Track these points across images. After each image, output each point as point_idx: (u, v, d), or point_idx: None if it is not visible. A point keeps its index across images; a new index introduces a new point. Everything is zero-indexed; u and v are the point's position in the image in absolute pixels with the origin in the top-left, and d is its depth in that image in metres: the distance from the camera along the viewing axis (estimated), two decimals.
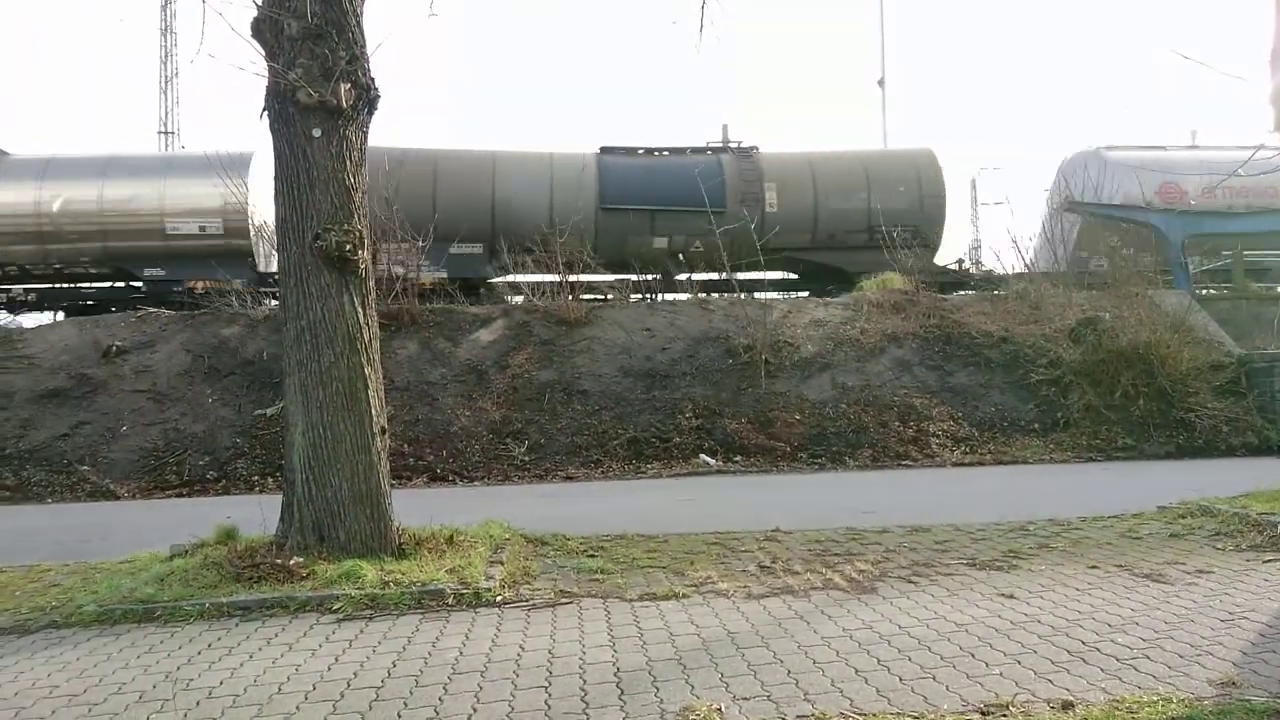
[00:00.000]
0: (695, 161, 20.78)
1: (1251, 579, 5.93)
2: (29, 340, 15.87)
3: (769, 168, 21.01)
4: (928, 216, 20.91)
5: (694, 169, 20.19)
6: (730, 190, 20.43)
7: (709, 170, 20.46)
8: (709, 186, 19.61)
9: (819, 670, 4.37)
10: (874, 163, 21.85)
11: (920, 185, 21.14)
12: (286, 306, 6.61)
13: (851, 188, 21.05)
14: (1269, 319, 18.46)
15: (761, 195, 20.54)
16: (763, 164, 21.06)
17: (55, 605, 5.98)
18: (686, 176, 19.99)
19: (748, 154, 21.29)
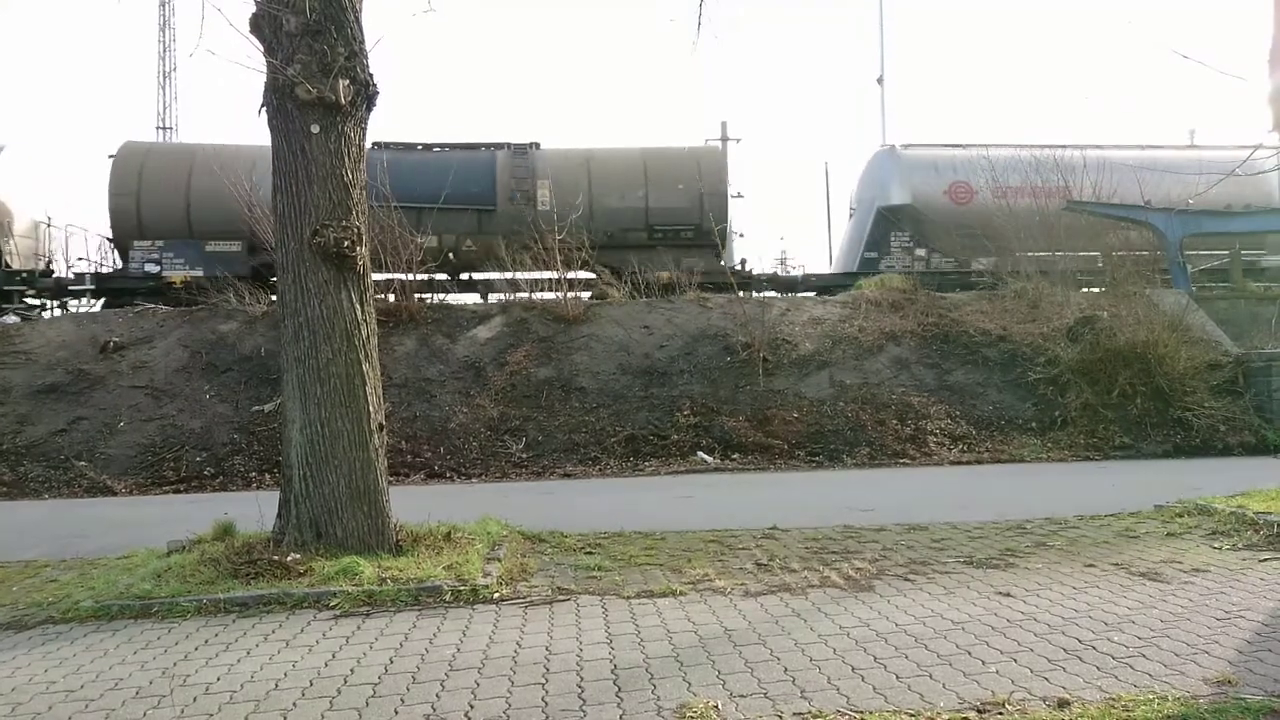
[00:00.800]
0: (467, 158, 20.33)
1: (1248, 578, 5.94)
2: (26, 335, 15.85)
3: (544, 165, 20.47)
4: (708, 216, 20.05)
5: (463, 166, 19.74)
6: (501, 188, 19.95)
7: (480, 167, 19.99)
8: (479, 184, 19.22)
9: (816, 668, 4.37)
10: (654, 160, 21.26)
11: (701, 183, 20.62)
12: (284, 303, 6.61)
13: (628, 185, 20.52)
14: (1267, 318, 18.46)
15: (533, 193, 19.96)
16: (537, 161, 20.51)
17: (52, 601, 5.99)
18: (455, 173, 19.50)
19: (523, 151, 20.74)
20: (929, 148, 22.28)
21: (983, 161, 20.90)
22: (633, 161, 21.11)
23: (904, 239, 21.30)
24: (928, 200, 21.08)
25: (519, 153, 20.79)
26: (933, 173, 21.28)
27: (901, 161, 21.72)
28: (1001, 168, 20.62)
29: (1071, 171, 20.42)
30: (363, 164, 6.84)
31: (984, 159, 20.97)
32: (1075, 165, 20.77)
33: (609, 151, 21.40)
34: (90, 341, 15.54)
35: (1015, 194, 20.28)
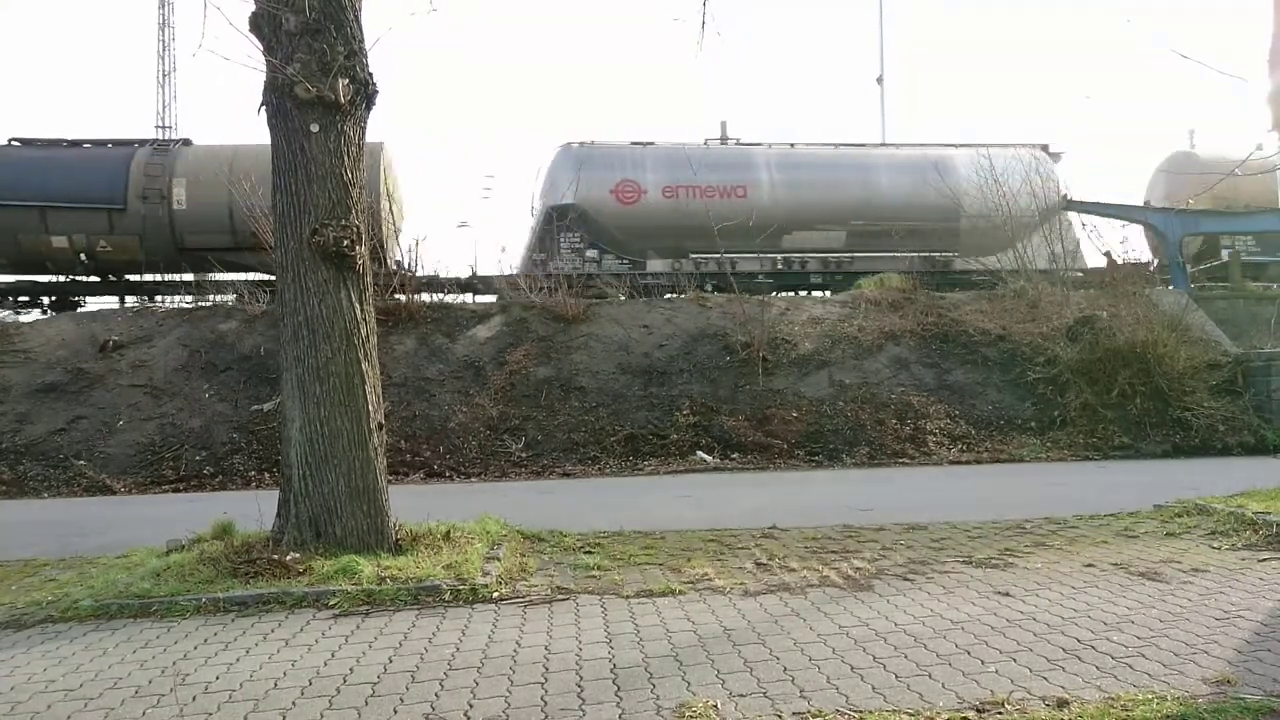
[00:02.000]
0: (97, 155, 19.56)
1: (1247, 578, 5.94)
2: (25, 334, 15.84)
3: (184, 164, 19.56)
4: None
5: (92, 163, 19.17)
6: (133, 186, 18.94)
7: (111, 164, 19.23)
8: (108, 182, 18.60)
9: (815, 667, 4.37)
10: None
11: None
12: (284, 302, 6.60)
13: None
14: (1266, 318, 18.46)
15: (168, 192, 18.99)
16: (176, 160, 19.62)
17: (51, 600, 5.98)
18: (82, 171, 18.96)
19: (164, 148, 19.93)
20: (605, 146, 21.24)
21: (653, 160, 20.43)
22: None
23: (574, 239, 20.34)
24: (594, 199, 20.15)
25: (159, 150, 19.90)
26: (601, 171, 20.39)
27: (572, 159, 20.71)
28: (672, 166, 20.13)
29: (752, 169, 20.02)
30: (362, 163, 6.84)
31: (658, 157, 20.47)
32: (761, 163, 20.43)
33: (254, 149, 20.12)
34: (89, 340, 15.54)
35: (692, 193, 19.82)
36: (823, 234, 20.64)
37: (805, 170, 20.80)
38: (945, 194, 20.03)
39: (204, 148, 20.39)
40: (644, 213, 20.11)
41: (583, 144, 21.04)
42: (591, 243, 20.28)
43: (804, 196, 20.45)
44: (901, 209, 19.76)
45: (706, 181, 20.07)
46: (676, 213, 19.52)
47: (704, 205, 19.12)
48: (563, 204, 20.10)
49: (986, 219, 19.66)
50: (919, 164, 21.08)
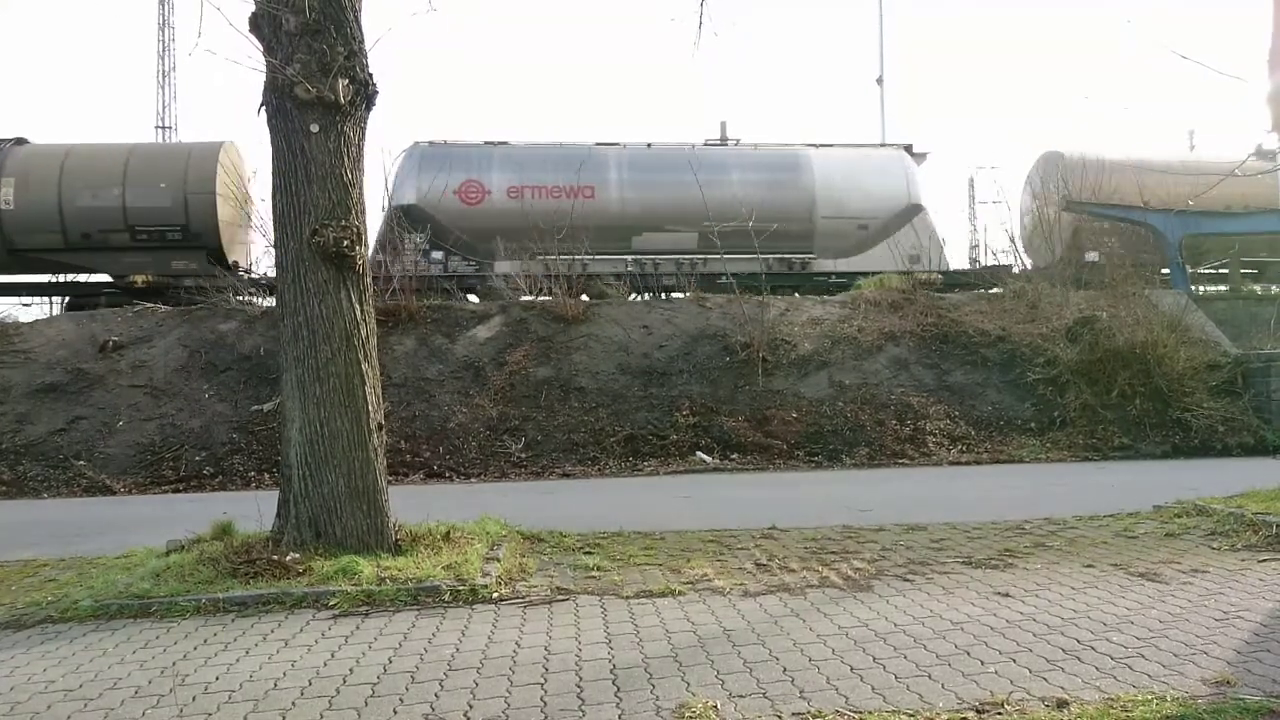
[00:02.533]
0: None
1: (1246, 579, 5.95)
2: (25, 335, 15.84)
3: (13, 163, 19.46)
4: (195, 216, 19.38)
5: None
6: None
7: None
8: None
9: (815, 668, 4.37)
10: (137, 157, 20.34)
11: (186, 183, 19.74)
12: (283, 302, 6.60)
13: (104, 184, 19.43)
14: (1266, 319, 18.46)
15: None
16: (5, 159, 19.51)
17: (51, 600, 5.98)
18: None
19: None
20: (453, 146, 21.05)
21: (500, 160, 20.23)
22: (112, 160, 19.90)
23: (418, 240, 19.97)
24: (438, 200, 19.93)
25: None
26: (446, 172, 20.09)
27: (416, 159, 20.56)
28: (519, 166, 19.89)
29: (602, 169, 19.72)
30: (362, 163, 6.84)
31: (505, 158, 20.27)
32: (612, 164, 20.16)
33: (87, 148, 20.41)
34: (89, 341, 15.54)
35: (538, 194, 19.63)
36: (673, 235, 20.35)
37: (656, 171, 20.53)
38: (800, 194, 19.71)
39: (36, 147, 20.26)
40: (489, 213, 19.82)
41: (432, 143, 20.79)
42: (436, 244, 19.95)
43: (654, 197, 20.23)
44: (755, 210, 19.26)
45: (554, 182, 19.84)
46: (522, 213, 18.99)
47: (550, 206, 18.94)
48: (406, 204, 19.85)
49: (843, 220, 19.44)
50: (774, 164, 20.81)
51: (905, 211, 20.61)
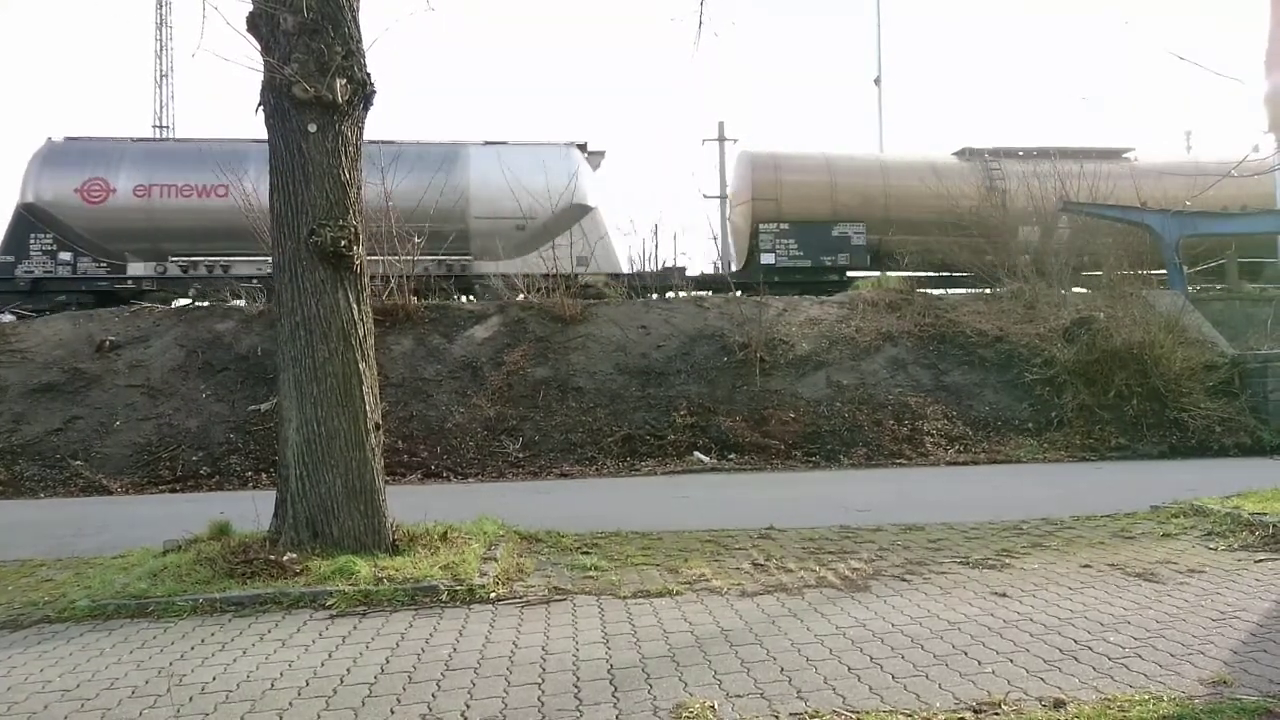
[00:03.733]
0: None
1: (1243, 579, 5.96)
2: (22, 334, 15.82)
3: None
4: None
5: None
6: None
7: None
8: None
9: (812, 667, 4.38)
10: None
11: None
12: (281, 302, 6.60)
13: None
14: (1263, 319, 18.49)
15: None
16: None
17: (48, 600, 5.98)
18: None
19: None
20: (84, 141, 19.83)
21: (132, 157, 19.16)
22: None
23: (45, 241, 18.82)
24: (59, 199, 18.73)
25: None
26: (70, 169, 18.95)
27: (42, 156, 19.29)
28: (151, 163, 18.97)
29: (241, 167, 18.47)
30: (360, 163, 6.84)
31: (137, 154, 19.34)
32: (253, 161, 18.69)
33: None
34: (86, 340, 15.51)
35: (167, 192, 18.79)
36: None
37: None
38: (453, 194, 19.09)
39: None
40: (113, 213, 18.84)
41: (69, 139, 19.92)
42: (63, 244, 18.88)
43: None
44: (405, 210, 18.67)
45: (185, 180, 18.94)
46: (149, 213, 18.33)
47: (179, 205, 18.31)
48: (26, 203, 18.91)
49: (499, 220, 18.85)
50: (428, 162, 20.06)
51: (569, 212, 19.72)
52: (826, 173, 21.09)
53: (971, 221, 20.00)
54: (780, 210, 20.85)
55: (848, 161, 21.65)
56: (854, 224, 21.00)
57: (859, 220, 21.01)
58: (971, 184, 21.18)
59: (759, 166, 21.31)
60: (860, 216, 21.04)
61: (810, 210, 20.78)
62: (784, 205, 20.87)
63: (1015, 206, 21.00)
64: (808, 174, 21.18)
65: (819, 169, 21.24)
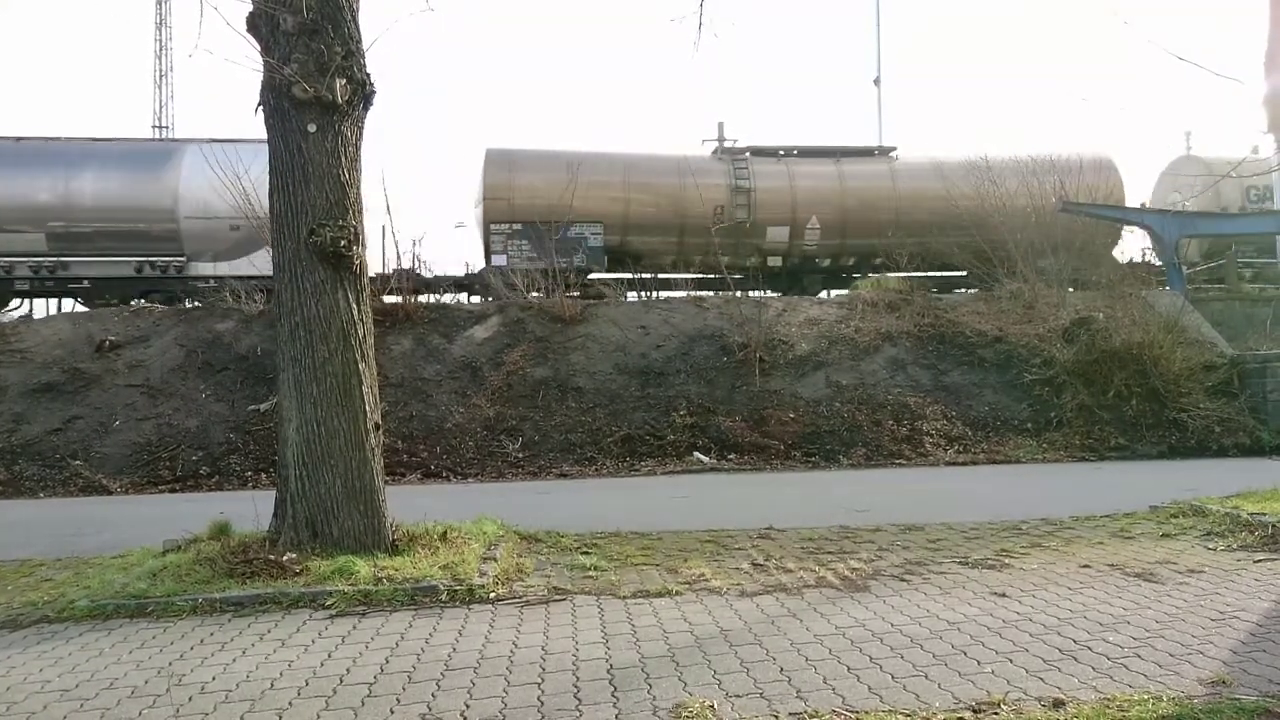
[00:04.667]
0: None
1: (1242, 579, 5.96)
2: (22, 334, 15.81)
3: None
4: None
5: None
6: None
7: None
8: None
9: (812, 667, 4.38)
10: None
11: None
12: (281, 302, 6.60)
13: None
14: (1262, 320, 18.50)
15: None
16: None
17: (47, 600, 5.98)
18: None
19: None
20: None
21: None
22: None
23: None
24: None
25: None
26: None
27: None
28: None
29: None
30: (359, 163, 6.83)
31: None
32: None
33: None
34: (86, 340, 15.51)
35: None
36: (19, 236, 18.73)
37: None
38: (161, 193, 18.59)
39: None
40: None
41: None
42: None
43: None
44: (110, 209, 18.23)
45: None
46: None
47: None
48: None
49: (213, 221, 18.33)
50: (136, 161, 19.65)
51: None
52: (565, 171, 20.00)
53: (716, 222, 19.49)
54: (513, 210, 20.06)
55: (587, 159, 20.80)
56: (591, 224, 20.30)
57: (597, 220, 20.34)
58: (722, 184, 20.80)
59: (492, 164, 20.53)
60: (599, 216, 20.35)
61: (546, 210, 19.77)
62: (517, 204, 20.07)
63: (764, 207, 20.69)
64: (544, 172, 20.35)
65: (556, 167, 20.29)
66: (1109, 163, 21.80)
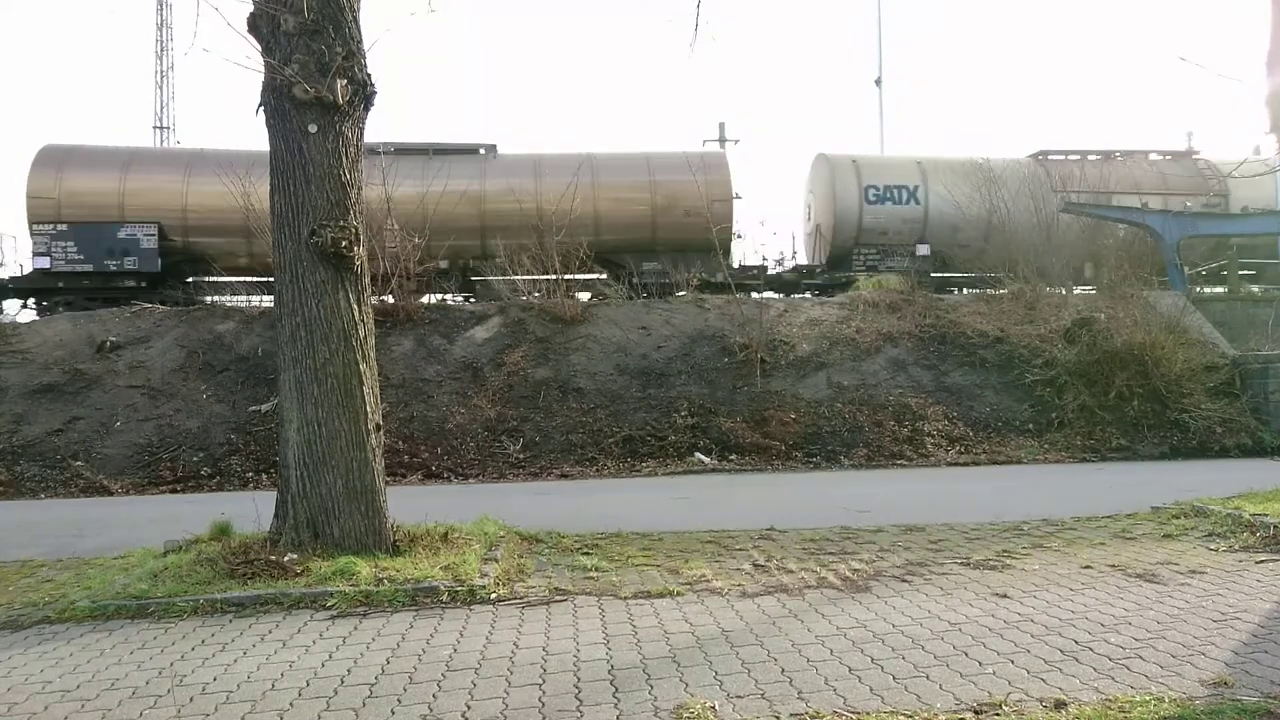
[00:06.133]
0: None
1: (1244, 580, 5.95)
2: (23, 335, 15.82)
3: None
4: None
5: None
6: None
7: None
8: None
9: (813, 668, 4.37)
10: None
11: None
12: (282, 303, 6.59)
13: None
14: (1264, 320, 18.48)
15: None
16: None
17: (48, 601, 5.98)
18: None
19: None
20: None
21: None
22: None
23: None
24: None
25: None
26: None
27: None
28: None
29: None
30: (360, 164, 6.83)
31: None
32: None
33: None
34: (87, 341, 15.51)
35: None
36: None
37: None
38: None
39: None
40: None
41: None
42: None
43: None
44: None
45: None
46: None
47: None
48: None
49: None
50: None
51: None
52: (118, 169, 19.41)
53: None
54: (59, 210, 19.15)
55: (140, 156, 20.27)
56: (144, 225, 19.26)
57: (151, 221, 19.32)
58: None
59: (40, 162, 19.56)
60: (156, 217, 19.38)
61: (96, 210, 19.08)
62: (64, 204, 19.18)
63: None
64: (95, 171, 19.52)
65: (109, 165, 19.60)
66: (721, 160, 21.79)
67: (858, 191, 21.64)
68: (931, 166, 22.07)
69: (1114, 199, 20.96)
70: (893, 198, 21.72)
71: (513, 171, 20.39)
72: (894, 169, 22.25)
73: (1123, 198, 20.97)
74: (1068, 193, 20.59)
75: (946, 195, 21.21)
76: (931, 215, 21.65)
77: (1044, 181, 21.10)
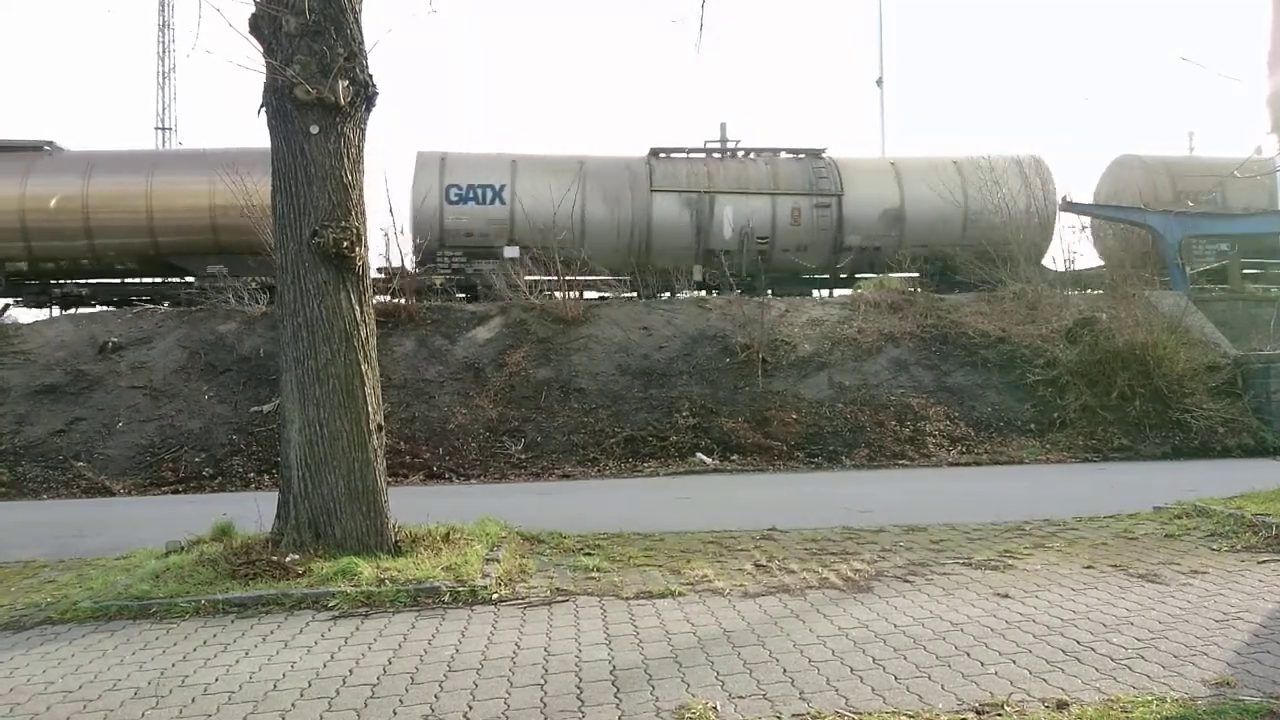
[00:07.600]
0: None
1: (1246, 580, 5.94)
2: (25, 336, 15.84)
3: None
4: None
5: None
6: None
7: None
8: None
9: (815, 669, 4.37)
10: None
11: None
12: (283, 303, 6.60)
13: None
14: (1266, 320, 18.47)
15: None
16: None
17: (50, 601, 5.98)
18: None
19: None
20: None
21: None
22: None
23: None
24: None
25: None
26: None
27: None
28: None
29: None
30: (362, 165, 6.83)
31: None
32: None
33: None
34: (89, 342, 15.53)
35: None
36: None
37: None
38: None
39: None
40: None
41: None
42: None
43: None
44: None
45: None
46: None
47: None
48: None
49: None
50: None
51: None
52: None
53: None
54: None
55: None
56: None
57: None
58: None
59: None
60: None
61: None
62: None
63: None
64: None
65: None
66: None
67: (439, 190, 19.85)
68: (525, 165, 20.36)
69: (716, 197, 20.18)
70: (476, 197, 19.96)
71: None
72: (481, 167, 20.38)
73: (726, 196, 20.25)
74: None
75: (534, 193, 19.56)
76: (518, 217, 19.67)
77: (644, 178, 20.26)
